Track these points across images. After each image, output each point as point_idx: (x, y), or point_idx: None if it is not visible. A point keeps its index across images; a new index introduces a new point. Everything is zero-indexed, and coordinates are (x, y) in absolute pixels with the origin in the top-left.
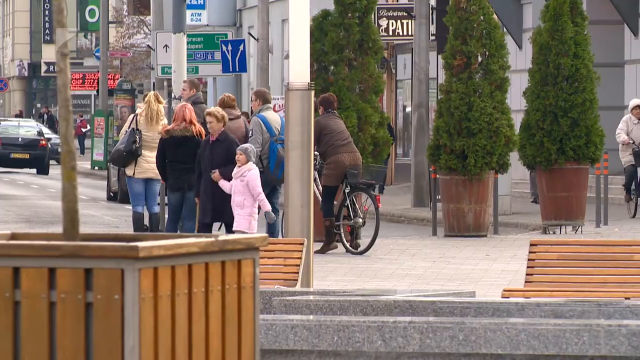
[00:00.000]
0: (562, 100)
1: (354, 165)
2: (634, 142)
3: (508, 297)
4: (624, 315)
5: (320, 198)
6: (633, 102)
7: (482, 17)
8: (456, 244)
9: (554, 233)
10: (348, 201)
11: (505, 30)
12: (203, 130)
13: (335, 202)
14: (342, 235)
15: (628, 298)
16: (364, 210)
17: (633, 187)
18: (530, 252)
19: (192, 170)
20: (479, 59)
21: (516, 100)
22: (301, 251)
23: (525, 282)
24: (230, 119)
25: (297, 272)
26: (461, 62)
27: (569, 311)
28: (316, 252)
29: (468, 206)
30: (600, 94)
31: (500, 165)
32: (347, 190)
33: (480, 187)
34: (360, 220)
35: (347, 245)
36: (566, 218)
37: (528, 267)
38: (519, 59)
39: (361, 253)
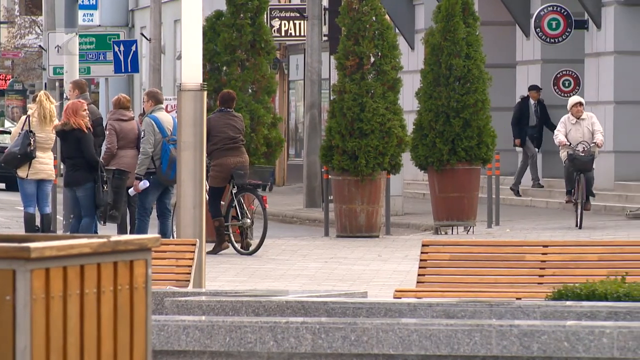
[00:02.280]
0: (454, 101)
1: (240, 166)
2: (570, 144)
3: (400, 298)
4: (515, 316)
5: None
6: (572, 100)
7: (374, 18)
8: (348, 244)
9: (446, 233)
10: (235, 202)
11: (397, 31)
12: (83, 124)
13: (223, 203)
14: (231, 235)
15: (519, 298)
16: (252, 210)
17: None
18: (422, 253)
19: (80, 166)
20: (372, 59)
21: (408, 101)
22: (193, 252)
23: (417, 282)
24: (124, 120)
25: (189, 273)
26: (354, 63)
27: (460, 311)
28: (208, 252)
29: (360, 207)
30: (492, 95)
31: (392, 165)
32: (234, 191)
33: (372, 187)
34: (248, 220)
35: (237, 245)
36: (458, 218)
37: (420, 267)
38: (411, 60)
39: (251, 253)
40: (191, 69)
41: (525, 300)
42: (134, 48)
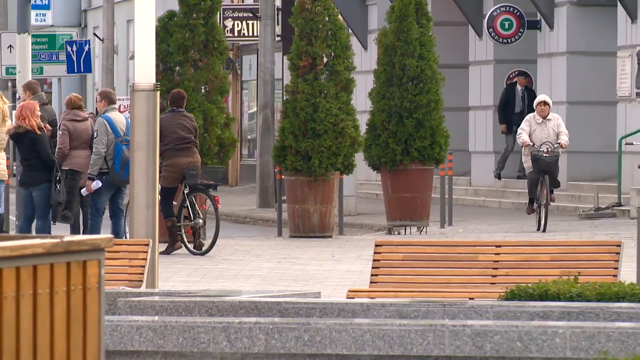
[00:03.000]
0: (407, 101)
1: (192, 166)
2: (534, 145)
3: (353, 298)
4: (468, 316)
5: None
6: (539, 98)
7: (327, 18)
8: (301, 244)
9: (399, 234)
10: (187, 202)
11: (350, 31)
12: (35, 125)
13: (175, 203)
14: (184, 236)
15: (472, 298)
16: (204, 210)
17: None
18: (375, 253)
19: (37, 167)
20: (325, 59)
21: (361, 101)
22: (146, 252)
23: (370, 282)
24: (78, 121)
25: (142, 273)
26: (307, 63)
27: (413, 311)
28: (161, 253)
29: (313, 207)
30: (445, 95)
31: (346, 166)
32: (186, 191)
33: (325, 187)
34: (201, 220)
35: (189, 246)
36: (411, 219)
37: (373, 267)
38: (364, 60)
39: (203, 253)
40: (144, 69)
41: (478, 301)
42: (86, 48)
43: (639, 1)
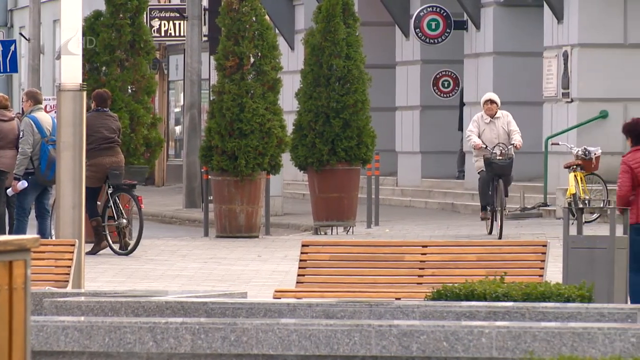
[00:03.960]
0: (334, 102)
1: (115, 166)
2: (486, 147)
3: (280, 298)
4: (395, 316)
5: None
6: (485, 97)
7: (254, 18)
8: (228, 244)
9: (325, 234)
10: (111, 202)
11: (277, 31)
12: None
13: (99, 203)
14: (108, 236)
15: (399, 298)
16: (127, 210)
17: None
18: (301, 253)
19: None
20: (252, 60)
21: (288, 102)
22: (72, 252)
23: (297, 282)
24: (4, 121)
25: (69, 274)
26: (233, 63)
27: (340, 312)
28: (87, 253)
29: (240, 207)
30: (372, 95)
31: (272, 166)
32: (109, 191)
33: (251, 188)
34: (124, 220)
35: (113, 246)
36: (337, 219)
37: (299, 267)
38: (291, 60)
39: (128, 253)
40: (70, 69)
41: (404, 301)
42: (12, 48)
43: (565, 2)
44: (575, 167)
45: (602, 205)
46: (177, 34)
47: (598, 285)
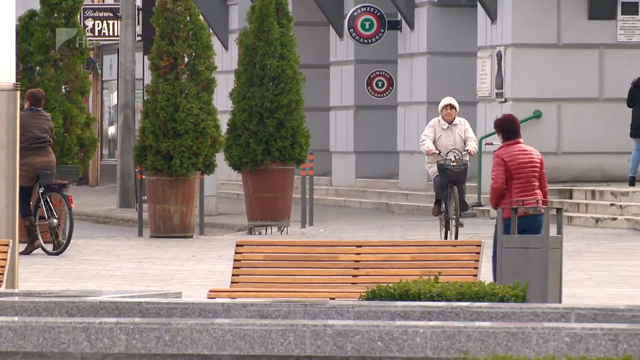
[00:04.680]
0: (268, 101)
1: (46, 166)
2: (440, 153)
3: (214, 298)
4: (329, 316)
5: None
6: (444, 101)
7: (188, 18)
8: (162, 244)
9: (260, 234)
10: (42, 201)
11: (211, 31)
12: None
13: (31, 203)
14: (39, 235)
15: (333, 298)
16: (57, 209)
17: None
18: (236, 253)
19: None
20: (186, 59)
21: (222, 101)
22: (6, 252)
23: (231, 282)
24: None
25: (2, 274)
26: (168, 63)
27: (274, 311)
28: (21, 253)
29: (174, 207)
30: (306, 95)
31: (207, 166)
32: (40, 191)
33: (186, 187)
34: (55, 220)
35: (44, 246)
36: (272, 219)
37: (234, 267)
38: (225, 60)
39: (58, 253)
40: (4, 69)
41: (339, 300)
42: None
43: (499, 2)
44: None
45: (535, 206)
46: (111, 33)
47: (532, 285)
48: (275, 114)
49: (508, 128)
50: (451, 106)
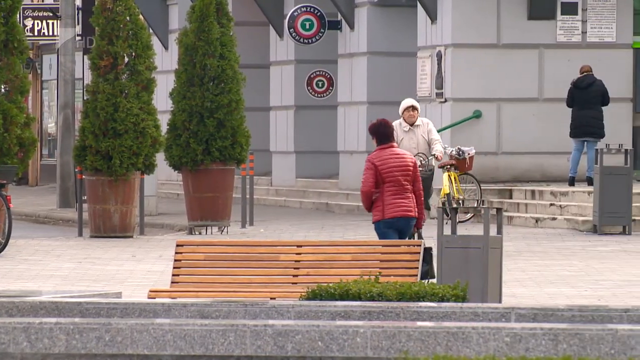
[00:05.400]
0: (208, 101)
1: None
2: None
3: (154, 298)
4: (270, 316)
5: None
6: (405, 103)
7: (128, 18)
8: (102, 244)
9: (200, 234)
10: None
11: (151, 31)
12: None
13: None
14: None
15: (274, 298)
16: None
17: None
18: (176, 253)
19: None
20: (126, 59)
21: (162, 101)
22: None
23: (172, 282)
24: None
25: None
26: (108, 63)
27: (215, 311)
28: None
29: (114, 207)
30: (246, 95)
31: (147, 166)
32: None
33: (126, 187)
34: None
35: None
36: (212, 219)
37: (174, 267)
38: (165, 60)
39: None
40: None
41: (279, 300)
42: None
43: (439, 2)
44: (449, 167)
45: (475, 205)
46: (51, 33)
47: (472, 285)
48: (216, 114)
49: (382, 132)
50: (413, 107)
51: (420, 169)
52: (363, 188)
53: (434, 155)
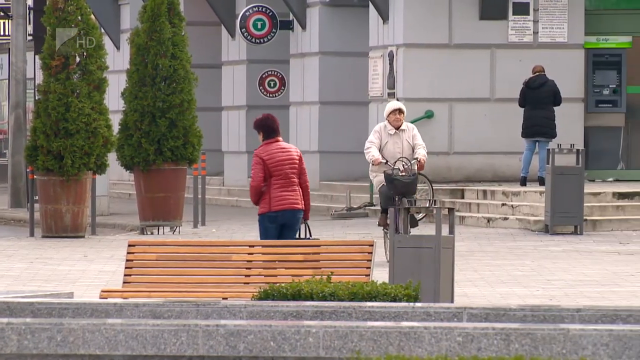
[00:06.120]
0: (160, 101)
1: None
2: (387, 162)
3: (106, 298)
4: (222, 316)
5: None
6: (391, 106)
7: (79, 18)
8: (54, 244)
9: (152, 234)
10: None
11: (103, 30)
12: None
13: None
14: None
15: (226, 298)
16: None
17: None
18: (128, 253)
19: None
20: (77, 59)
21: (114, 101)
22: None
23: (124, 282)
24: None
25: None
26: (59, 63)
27: (167, 311)
28: None
29: (66, 207)
30: (198, 95)
31: (98, 165)
32: None
33: (78, 187)
34: None
35: None
36: (164, 219)
37: (126, 267)
38: (117, 60)
39: None
40: None
41: (231, 300)
42: None
43: (390, 2)
44: None
45: (428, 205)
46: (2, 33)
47: (424, 285)
48: (168, 114)
49: (268, 127)
50: (400, 111)
51: (403, 174)
52: (253, 182)
53: (417, 159)
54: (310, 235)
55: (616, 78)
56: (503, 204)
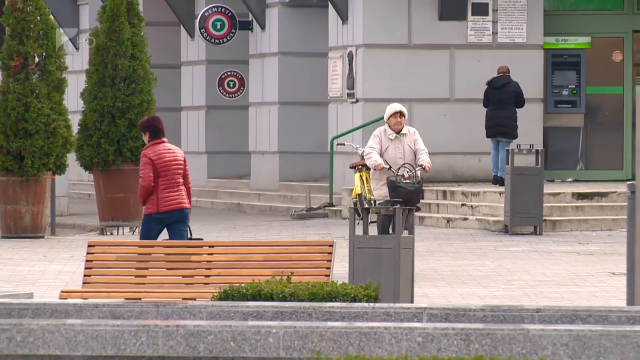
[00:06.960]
0: (119, 102)
1: None
2: (390, 167)
3: (66, 298)
4: (182, 316)
5: None
6: (391, 108)
7: (38, 18)
8: (13, 245)
9: (112, 234)
10: None
11: (62, 31)
12: None
13: None
14: None
15: (186, 298)
16: None
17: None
18: (88, 253)
19: None
20: (36, 59)
21: (73, 101)
22: None
23: (84, 283)
24: None
25: None
26: (18, 63)
27: (127, 312)
28: None
29: (25, 207)
30: (157, 96)
31: (58, 166)
32: None
33: (37, 188)
34: None
35: None
36: (124, 219)
37: (86, 268)
38: (76, 60)
39: None
40: None
41: (191, 301)
42: None
43: (350, 2)
44: (360, 167)
45: (387, 206)
46: None
47: (384, 285)
48: (127, 114)
49: (154, 127)
50: (401, 114)
51: (407, 181)
52: (143, 182)
53: (422, 166)
54: (191, 237)
55: (575, 78)
56: (463, 205)
